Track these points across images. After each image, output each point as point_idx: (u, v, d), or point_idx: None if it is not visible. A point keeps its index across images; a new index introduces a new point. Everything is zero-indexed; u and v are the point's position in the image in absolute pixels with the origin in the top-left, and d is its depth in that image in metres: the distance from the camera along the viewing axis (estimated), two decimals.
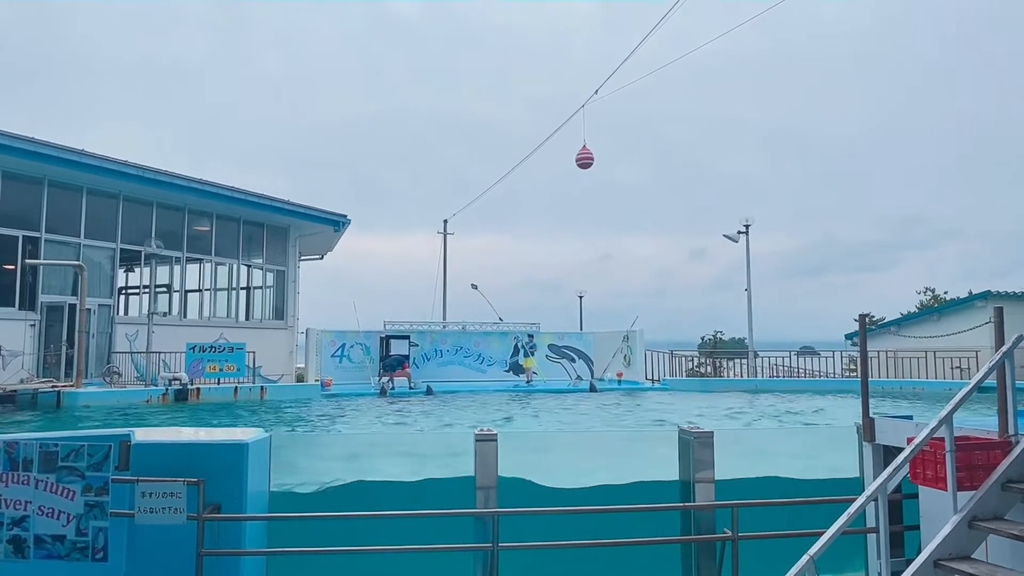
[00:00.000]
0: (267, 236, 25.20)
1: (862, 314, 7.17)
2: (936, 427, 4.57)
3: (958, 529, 4.43)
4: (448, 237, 31.78)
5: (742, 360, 26.93)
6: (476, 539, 5.64)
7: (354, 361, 22.47)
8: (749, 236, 26.38)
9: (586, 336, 25.90)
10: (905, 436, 5.26)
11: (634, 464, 7.17)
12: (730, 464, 6.25)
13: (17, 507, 5.08)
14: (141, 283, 22.94)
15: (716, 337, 49.68)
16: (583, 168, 18.99)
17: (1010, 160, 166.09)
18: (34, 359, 18.14)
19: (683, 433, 6.44)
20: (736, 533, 5.49)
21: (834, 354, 24.05)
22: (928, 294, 40.52)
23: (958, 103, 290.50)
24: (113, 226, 20.38)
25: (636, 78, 16.53)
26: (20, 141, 17.05)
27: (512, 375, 23.92)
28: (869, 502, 4.55)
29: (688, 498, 6.12)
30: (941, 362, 21.09)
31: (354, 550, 5.52)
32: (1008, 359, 4.86)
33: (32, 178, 18.31)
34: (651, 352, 24.08)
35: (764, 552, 5.52)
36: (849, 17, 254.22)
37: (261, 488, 5.80)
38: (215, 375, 17.81)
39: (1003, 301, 22.29)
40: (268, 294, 25.74)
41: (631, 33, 24.29)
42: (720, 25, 29.63)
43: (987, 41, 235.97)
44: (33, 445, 5.17)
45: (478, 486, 5.90)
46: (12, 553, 5.04)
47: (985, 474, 4.63)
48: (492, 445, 5.97)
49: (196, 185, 21.33)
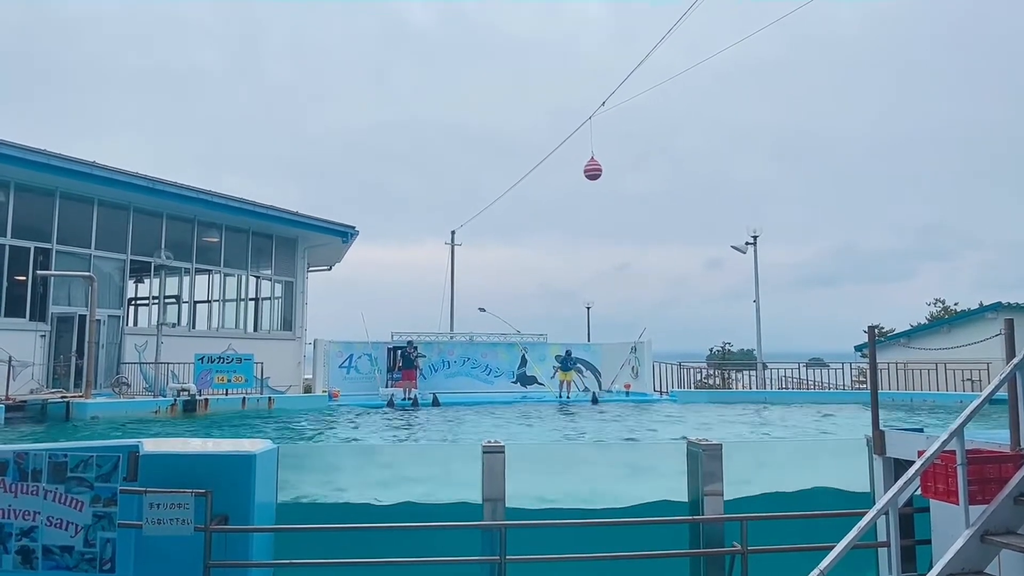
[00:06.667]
0: (276, 247, 25.30)
1: (871, 326, 7.14)
2: (947, 440, 4.53)
3: (970, 543, 4.38)
4: (457, 248, 31.86)
5: (751, 372, 26.81)
6: (483, 552, 5.62)
7: (361, 372, 22.46)
8: (757, 247, 26.36)
9: (593, 347, 25.83)
10: (916, 449, 5.22)
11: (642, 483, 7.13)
12: (738, 477, 6.21)
13: (26, 517, 5.10)
14: (150, 294, 23.05)
15: (725, 349, 49.50)
16: (591, 179, 19.01)
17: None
18: (44, 370, 18.22)
19: (691, 445, 6.40)
20: (745, 547, 5.44)
21: (843, 366, 23.90)
22: (938, 306, 40.32)
23: (983, 110, 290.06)
24: (123, 237, 20.51)
25: (648, 87, 16.51)
26: (32, 153, 17.20)
27: (520, 386, 23.85)
28: (880, 516, 4.51)
29: (697, 511, 6.07)
30: (952, 374, 20.92)
31: (360, 562, 5.50)
32: (1019, 371, 4.82)
33: (44, 190, 18.47)
34: (659, 363, 23.99)
35: (774, 566, 5.47)
36: (869, 24, 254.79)
37: (268, 499, 5.80)
38: (223, 386, 17.82)
39: (1014, 313, 22.13)
40: (276, 305, 25.80)
41: (644, 43, 24.37)
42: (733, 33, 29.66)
43: (1015, 52, 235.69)
44: (42, 455, 5.19)
45: (485, 498, 5.88)
46: (20, 564, 5.05)
47: (997, 488, 4.58)
48: (500, 457, 5.94)
49: (205, 196, 21.47)
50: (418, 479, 7.03)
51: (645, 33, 23.01)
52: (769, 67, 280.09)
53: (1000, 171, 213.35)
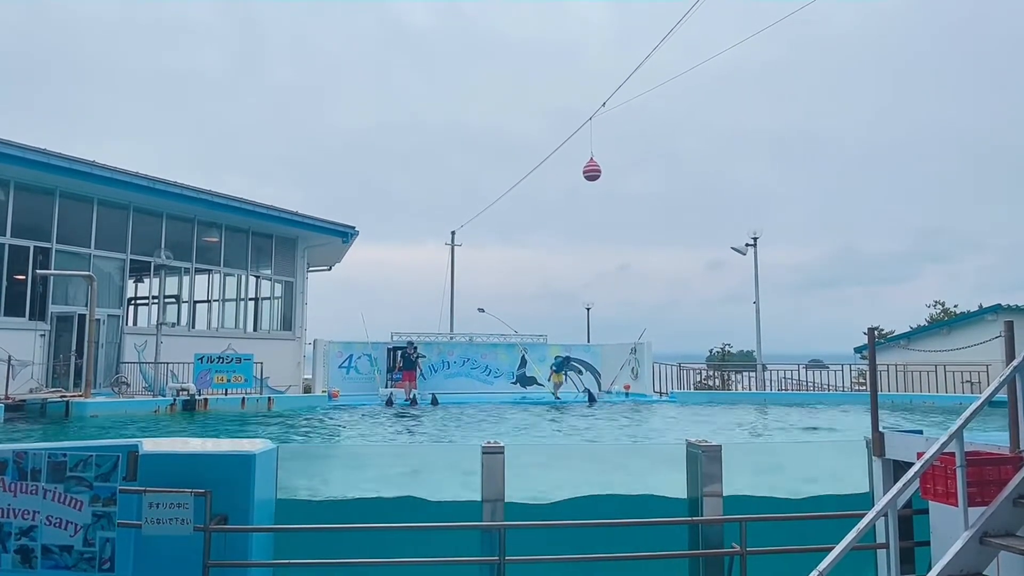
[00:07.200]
0: (276, 247, 25.32)
1: (871, 327, 7.15)
2: (946, 442, 4.53)
3: (969, 545, 4.38)
4: (457, 249, 31.90)
5: (750, 373, 26.82)
6: (482, 553, 5.62)
7: (361, 372, 22.47)
8: (757, 249, 26.36)
9: (593, 348, 25.84)
10: (915, 451, 5.22)
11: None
12: (737, 478, 6.21)
13: (25, 517, 5.09)
14: (150, 294, 23.05)
15: (724, 350, 49.51)
16: (590, 180, 19.05)
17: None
18: (43, 369, 18.23)
19: (691, 447, 6.40)
20: (744, 548, 5.44)
21: (843, 367, 23.90)
22: (938, 307, 40.34)
23: (983, 112, 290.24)
24: (123, 237, 20.52)
25: (649, 88, 16.53)
26: (32, 152, 17.21)
27: (519, 387, 23.86)
28: (879, 517, 4.51)
29: (696, 512, 6.07)
30: (951, 376, 20.92)
31: (359, 562, 5.50)
32: (1019, 373, 4.82)
33: (44, 189, 18.48)
34: (659, 365, 24.00)
35: (772, 567, 5.47)
36: (868, 24, 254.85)
37: (268, 499, 5.80)
38: (223, 386, 17.83)
39: (1013, 315, 22.14)
40: (276, 305, 25.82)
41: (645, 44, 24.38)
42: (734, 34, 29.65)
43: (1015, 53, 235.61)
44: (42, 455, 5.19)
45: (484, 499, 5.87)
46: (19, 563, 5.05)
47: (997, 489, 4.58)
48: (499, 458, 5.94)
49: (206, 196, 21.47)
50: (414, 477, 7.03)
51: (646, 35, 23.01)
52: (770, 69, 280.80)
53: (1000, 173, 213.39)
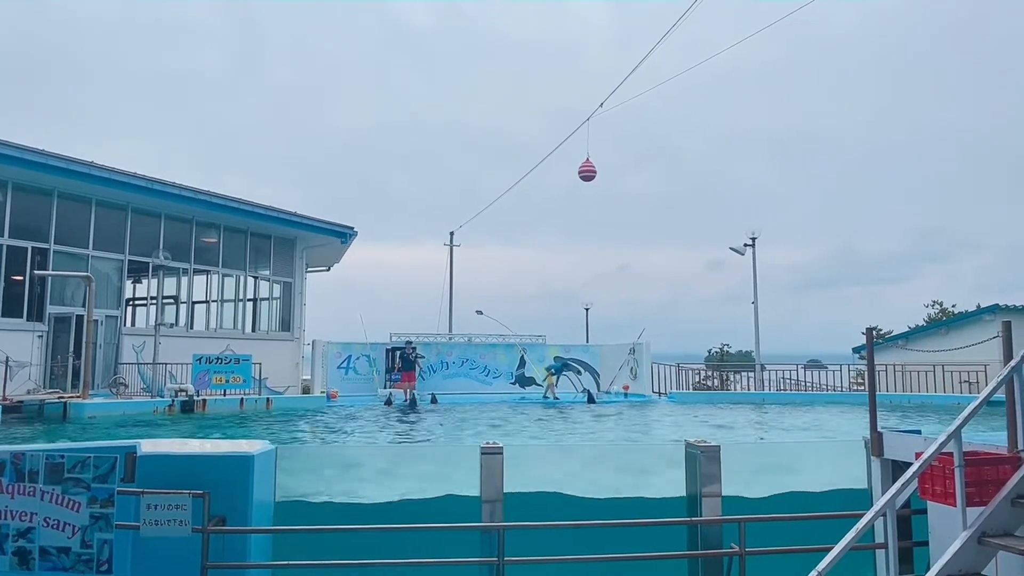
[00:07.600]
0: (274, 248, 25.30)
1: (869, 327, 7.14)
2: (945, 442, 4.53)
3: (967, 545, 4.39)
4: (456, 249, 31.86)
5: (749, 373, 26.83)
6: (482, 553, 5.61)
7: (360, 373, 22.45)
8: (756, 249, 26.37)
9: (592, 348, 25.82)
10: (913, 451, 5.22)
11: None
12: (737, 478, 6.21)
13: (23, 518, 5.09)
14: (148, 294, 23.04)
15: (723, 350, 49.54)
16: (585, 180, 19.10)
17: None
18: (41, 370, 18.20)
19: (690, 447, 6.40)
20: (743, 548, 5.44)
21: (841, 367, 23.91)
22: (936, 307, 40.38)
23: (983, 113, 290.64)
24: (121, 238, 20.49)
25: (647, 88, 16.54)
26: (30, 153, 17.18)
27: (518, 387, 23.86)
28: (877, 517, 4.51)
29: (695, 512, 6.07)
30: (949, 376, 20.93)
31: (358, 563, 5.49)
32: (1017, 373, 4.83)
33: (41, 190, 18.45)
34: (658, 365, 24.00)
35: (771, 568, 5.47)
36: (868, 24, 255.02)
37: (266, 500, 5.79)
38: (221, 387, 17.80)
39: (1011, 315, 22.17)
40: (275, 306, 25.79)
41: (646, 45, 24.42)
42: (733, 34, 29.76)
43: (1015, 54, 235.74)
44: (39, 456, 5.18)
45: (483, 499, 5.87)
46: (17, 565, 5.04)
47: (995, 489, 4.58)
48: (498, 458, 5.94)
49: (204, 197, 21.45)
50: (413, 477, 7.02)
51: (645, 35, 23.08)
52: (769, 69, 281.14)
53: (999, 173, 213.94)
